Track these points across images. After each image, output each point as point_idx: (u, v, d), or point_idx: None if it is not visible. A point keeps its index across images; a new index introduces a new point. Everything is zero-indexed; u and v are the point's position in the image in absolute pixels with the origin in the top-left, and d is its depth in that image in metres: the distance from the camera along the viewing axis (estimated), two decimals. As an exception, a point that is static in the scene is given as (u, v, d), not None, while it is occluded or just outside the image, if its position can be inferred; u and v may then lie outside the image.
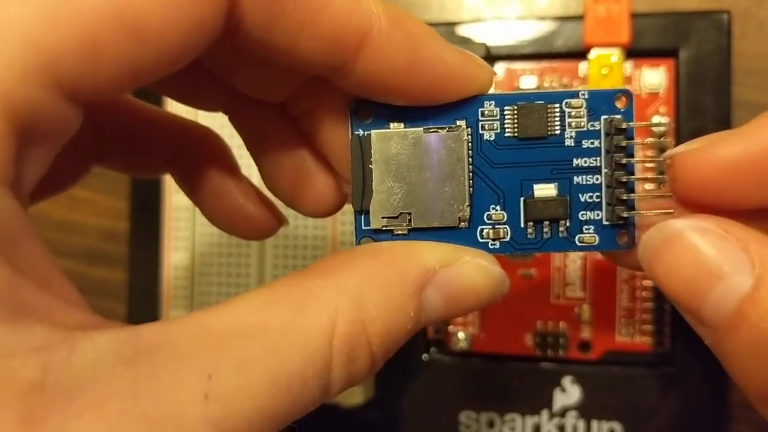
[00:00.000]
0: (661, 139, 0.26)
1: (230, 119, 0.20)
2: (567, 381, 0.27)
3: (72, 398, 0.12)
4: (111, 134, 0.20)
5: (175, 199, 0.31)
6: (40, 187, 0.19)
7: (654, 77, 0.27)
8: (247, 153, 0.20)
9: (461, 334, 0.28)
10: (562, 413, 0.27)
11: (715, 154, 0.16)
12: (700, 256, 0.15)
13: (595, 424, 0.27)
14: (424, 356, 0.28)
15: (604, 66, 0.27)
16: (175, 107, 0.28)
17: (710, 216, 0.16)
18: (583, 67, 0.28)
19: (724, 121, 0.26)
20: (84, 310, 0.14)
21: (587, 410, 0.27)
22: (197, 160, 0.21)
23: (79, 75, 0.13)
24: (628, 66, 0.27)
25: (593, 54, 0.27)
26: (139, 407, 0.12)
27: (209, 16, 0.14)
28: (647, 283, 0.27)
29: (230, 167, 0.21)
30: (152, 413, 0.12)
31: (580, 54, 0.27)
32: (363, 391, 0.28)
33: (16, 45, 0.12)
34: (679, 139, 0.26)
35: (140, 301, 0.31)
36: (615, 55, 0.27)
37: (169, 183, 0.31)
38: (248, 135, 0.20)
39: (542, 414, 0.27)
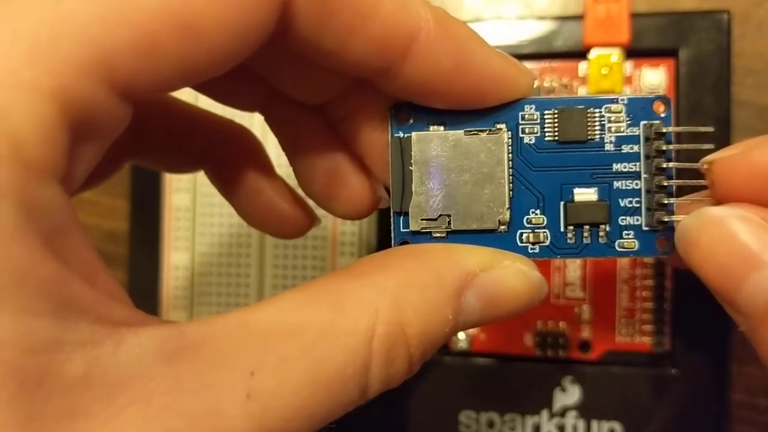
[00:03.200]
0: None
1: (266, 119, 0.20)
2: (567, 381, 0.27)
3: (116, 393, 0.12)
4: (148, 129, 0.20)
5: (175, 199, 0.31)
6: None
7: (654, 77, 0.27)
8: (279, 153, 0.20)
9: (461, 335, 0.28)
10: (562, 413, 0.27)
11: (753, 159, 0.16)
12: (739, 243, 0.15)
13: (595, 424, 0.27)
14: (424, 356, 0.28)
15: (604, 66, 0.27)
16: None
17: (751, 205, 0.16)
18: (583, 67, 0.28)
19: (724, 121, 0.26)
20: (127, 306, 0.14)
21: (587, 410, 0.27)
22: (231, 158, 0.21)
23: (133, 73, 0.13)
24: (628, 66, 0.27)
25: (593, 54, 0.27)
26: (181, 403, 0.12)
27: (263, 16, 0.14)
28: (647, 282, 0.27)
29: (264, 165, 0.21)
30: (194, 409, 0.12)
31: (580, 54, 0.27)
32: (363, 391, 0.28)
33: (72, 41, 0.12)
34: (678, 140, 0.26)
35: (140, 301, 0.31)
36: (615, 54, 0.27)
37: (169, 183, 0.31)
38: (284, 136, 0.20)
39: (542, 414, 0.27)
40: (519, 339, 0.28)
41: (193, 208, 0.31)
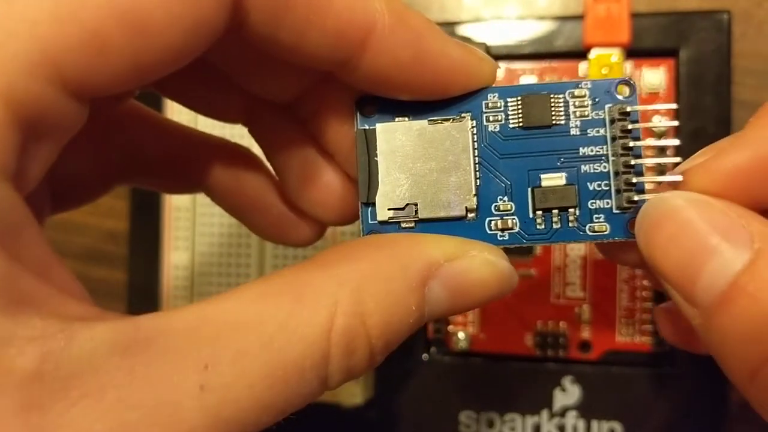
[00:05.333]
0: (661, 138, 0.26)
1: (249, 130, 0.20)
2: (567, 381, 0.27)
3: (69, 387, 0.12)
4: (142, 152, 0.21)
5: (175, 199, 0.31)
6: (62, 200, 0.19)
7: (654, 77, 0.27)
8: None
9: (461, 334, 0.28)
10: (562, 413, 0.27)
11: (726, 162, 0.16)
12: (695, 230, 0.15)
13: (595, 424, 0.27)
14: (424, 356, 0.28)
15: (604, 66, 0.27)
16: (175, 116, 0.28)
17: (716, 198, 0.15)
18: (583, 67, 0.28)
19: (724, 121, 0.26)
20: (83, 301, 0.14)
21: (587, 410, 0.27)
22: (235, 178, 0.21)
23: (84, 71, 0.13)
24: (628, 66, 0.27)
25: (593, 54, 0.27)
26: (135, 396, 0.12)
27: (214, 11, 0.14)
28: (647, 282, 0.27)
29: (269, 181, 0.21)
30: (148, 402, 0.12)
31: (580, 54, 0.27)
32: (363, 391, 0.28)
33: (21, 40, 0.12)
34: (679, 139, 0.26)
35: (140, 301, 0.31)
36: (615, 54, 0.27)
37: (169, 183, 0.31)
38: (265, 143, 0.20)
39: (542, 414, 0.27)
40: (519, 339, 0.28)
41: (193, 208, 0.31)
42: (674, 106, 0.18)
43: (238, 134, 0.23)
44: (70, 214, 0.33)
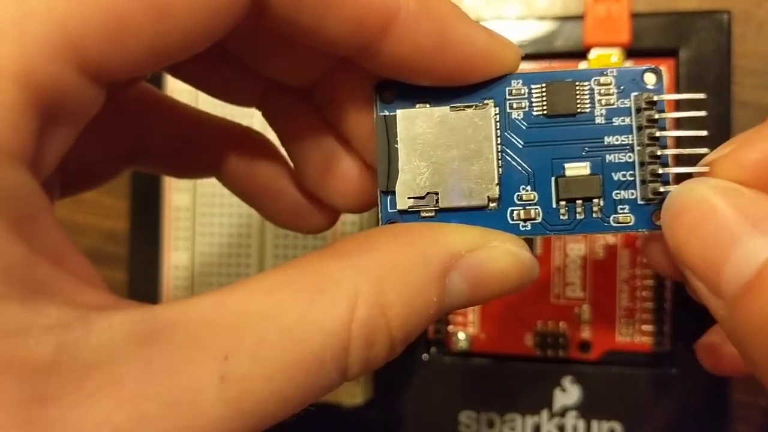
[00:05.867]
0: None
1: (263, 114, 0.20)
2: (567, 381, 0.27)
3: (85, 378, 0.12)
4: (151, 135, 0.20)
5: (175, 199, 0.31)
6: (71, 184, 0.18)
7: (654, 77, 0.27)
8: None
9: (461, 334, 0.28)
10: (562, 413, 0.27)
11: (753, 152, 0.15)
12: (720, 217, 0.14)
13: (595, 424, 0.27)
14: (424, 356, 0.28)
15: (604, 66, 0.27)
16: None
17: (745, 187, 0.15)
18: (583, 67, 0.28)
19: (724, 121, 0.26)
20: (100, 289, 0.13)
21: (587, 410, 0.27)
22: (247, 163, 0.21)
23: (103, 54, 0.12)
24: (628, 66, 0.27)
25: (593, 54, 0.27)
26: (154, 387, 0.12)
27: None
28: (647, 282, 0.27)
29: (282, 166, 0.21)
30: (166, 393, 0.12)
31: (580, 54, 0.27)
32: (363, 391, 0.28)
33: (40, 21, 0.12)
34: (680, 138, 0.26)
35: (140, 301, 0.31)
36: (615, 55, 0.27)
37: (169, 183, 0.31)
38: (280, 128, 0.20)
39: (542, 414, 0.27)
40: (519, 339, 0.28)
41: (193, 208, 0.31)
42: (702, 96, 0.18)
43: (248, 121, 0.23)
44: (70, 213, 0.33)
